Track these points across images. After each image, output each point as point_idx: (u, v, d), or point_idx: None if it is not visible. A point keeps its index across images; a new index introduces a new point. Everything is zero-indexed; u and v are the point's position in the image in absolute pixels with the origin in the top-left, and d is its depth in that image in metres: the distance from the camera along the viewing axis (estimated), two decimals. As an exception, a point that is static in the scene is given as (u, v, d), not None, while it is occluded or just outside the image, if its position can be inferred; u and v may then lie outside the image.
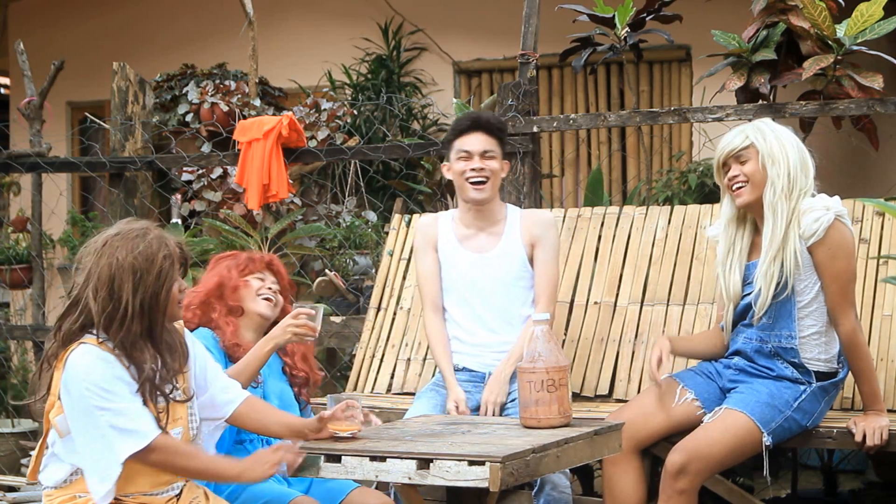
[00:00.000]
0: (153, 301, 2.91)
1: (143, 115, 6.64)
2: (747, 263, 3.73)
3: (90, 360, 2.86)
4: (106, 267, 2.89)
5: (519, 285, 4.10)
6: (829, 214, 3.56)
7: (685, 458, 3.51)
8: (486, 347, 4.09)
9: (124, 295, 2.88)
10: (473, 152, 4.04)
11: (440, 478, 2.76)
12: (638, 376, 4.39)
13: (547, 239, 4.11)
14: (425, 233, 4.20)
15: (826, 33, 4.64)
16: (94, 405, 2.83)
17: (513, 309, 4.08)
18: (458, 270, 4.12)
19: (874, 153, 5.12)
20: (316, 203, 6.93)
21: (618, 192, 7.74)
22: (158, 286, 2.92)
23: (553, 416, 3.05)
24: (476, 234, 4.14)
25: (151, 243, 2.93)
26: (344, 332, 5.50)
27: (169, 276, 2.94)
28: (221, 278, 3.66)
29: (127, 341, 2.89)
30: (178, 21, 8.93)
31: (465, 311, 4.12)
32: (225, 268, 3.70)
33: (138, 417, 2.86)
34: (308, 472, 2.96)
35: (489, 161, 4.05)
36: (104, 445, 2.83)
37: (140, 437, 2.84)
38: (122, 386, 2.86)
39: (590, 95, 8.07)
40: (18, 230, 7.73)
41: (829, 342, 3.66)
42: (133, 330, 2.89)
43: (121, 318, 2.88)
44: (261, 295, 3.68)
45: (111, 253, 2.90)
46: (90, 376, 2.84)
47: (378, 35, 8.31)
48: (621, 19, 5.13)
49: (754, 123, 3.73)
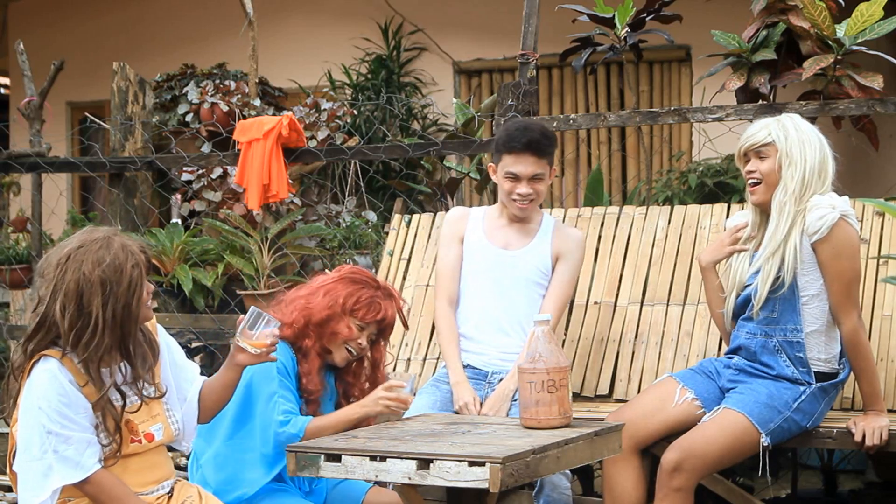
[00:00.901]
0: (125, 312, 2.87)
1: (143, 115, 6.64)
2: (754, 253, 3.73)
3: (48, 378, 2.84)
4: (73, 282, 2.83)
5: (538, 290, 4.06)
6: (835, 213, 3.56)
7: (680, 456, 3.52)
8: (495, 347, 4.05)
9: (94, 309, 2.83)
10: (523, 176, 3.96)
11: (440, 478, 2.76)
12: (638, 376, 4.39)
13: (572, 256, 4.08)
14: (453, 225, 4.15)
15: (826, 33, 4.64)
16: (45, 427, 2.82)
17: (527, 312, 4.00)
18: (481, 263, 4.06)
19: (874, 153, 5.12)
20: (316, 203, 6.93)
21: (618, 192, 7.74)
22: (129, 297, 2.87)
23: (553, 417, 3.05)
24: (506, 232, 4.09)
25: (118, 255, 2.88)
26: (344, 332, 5.49)
27: (139, 285, 2.90)
28: (329, 315, 3.48)
29: (96, 354, 2.85)
30: (178, 21, 8.94)
31: (479, 307, 4.06)
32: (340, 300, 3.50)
33: (84, 449, 2.85)
34: (308, 471, 2.96)
35: (538, 184, 3.99)
36: (41, 469, 2.83)
37: (79, 469, 2.84)
38: (75, 411, 2.85)
39: (590, 95, 8.07)
40: (18, 230, 7.72)
41: (830, 342, 3.66)
42: (105, 343, 2.85)
43: (91, 332, 2.83)
44: (347, 346, 3.53)
45: (76, 267, 2.84)
46: (47, 396, 2.83)
47: (378, 35, 8.32)
48: (621, 19, 5.13)
49: (781, 119, 3.73)
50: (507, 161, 3.96)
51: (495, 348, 4.04)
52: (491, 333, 4.05)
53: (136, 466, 2.97)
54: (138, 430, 2.97)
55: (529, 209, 4.03)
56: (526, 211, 4.02)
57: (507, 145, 3.96)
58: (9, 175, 7.84)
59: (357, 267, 3.68)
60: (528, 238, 4.08)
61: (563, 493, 3.72)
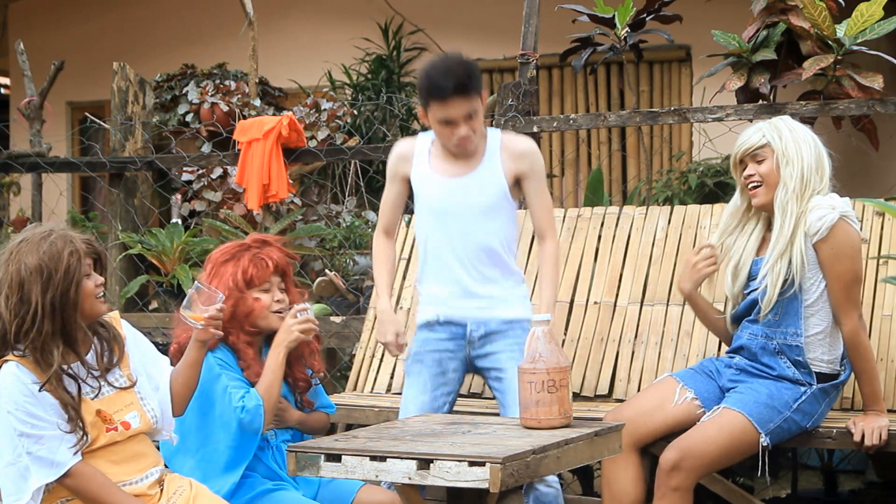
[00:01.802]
0: (63, 299, 2.92)
1: (143, 115, 6.64)
2: (755, 259, 3.73)
3: (12, 380, 2.88)
4: (15, 273, 2.91)
5: (498, 218, 3.79)
6: (835, 213, 3.56)
7: (679, 456, 3.52)
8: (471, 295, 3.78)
9: (34, 297, 2.89)
10: (458, 119, 3.70)
11: (440, 478, 2.76)
12: (638, 376, 4.39)
13: (534, 170, 3.83)
14: (395, 163, 3.92)
15: (826, 33, 4.64)
16: (15, 430, 2.86)
17: (492, 245, 3.77)
18: (428, 198, 3.83)
19: (874, 153, 5.12)
20: (316, 203, 6.93)
21: (618, 192, 7.74)
22: (67, 283, 2.92)
23: (553, 417, 3.05)
24: (451, 160, 3.82)
25: (55, 242, 2.95)
26: (344, 332, 5.50)
27: (77, 271, 2.95)
28: (234, 302, 3.51)
29: (38, 342, 2.90)
30: (178, 21, 8.94)
31: (437, 252, 3.81)
32: (232, 281, 3.53)
33: (57, 446, 2.89)
34: (308, 471, 2.96)
35: (474, 122, 3.72)
36: (18, 471, 2.87)
37: (55, 466, 2.88)
38: (43, 409, 2.88)
39: (590, 95, 8.07)
40: (18, 230, 7.72)
41: (834, 343, 3.66)
42: (44, 330, 2.90)
43: (31, 319, 2.89)
44: (273, 310, 3.58)
45: (18, 259, 2.92)
46: (13, 397, 2.87)
47: (378, 35, 8.32)
48: (621, 19, 5.13)
49: (773, 121, 3.73)
50: (437, 108, 3.71)
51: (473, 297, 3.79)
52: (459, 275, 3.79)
53: (117, 457, 3.00)
54: (113, 418, 3.00)
55: (472, 145, 3.77)
56: (468, 149, 3.77)
57: (434, 93, 3.71)
58: (9, 175, 7.85)
59: (220, 247, 3.69)
60: (477, 161, 3.81)
61: (550, 487, 3.68)
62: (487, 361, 3.82)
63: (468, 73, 3.70)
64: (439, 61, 3.76)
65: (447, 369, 3.83)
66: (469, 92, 3.68)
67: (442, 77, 3.68)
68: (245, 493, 3.47)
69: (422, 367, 3.84)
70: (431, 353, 3.83)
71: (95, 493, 2.93)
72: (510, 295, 3.82)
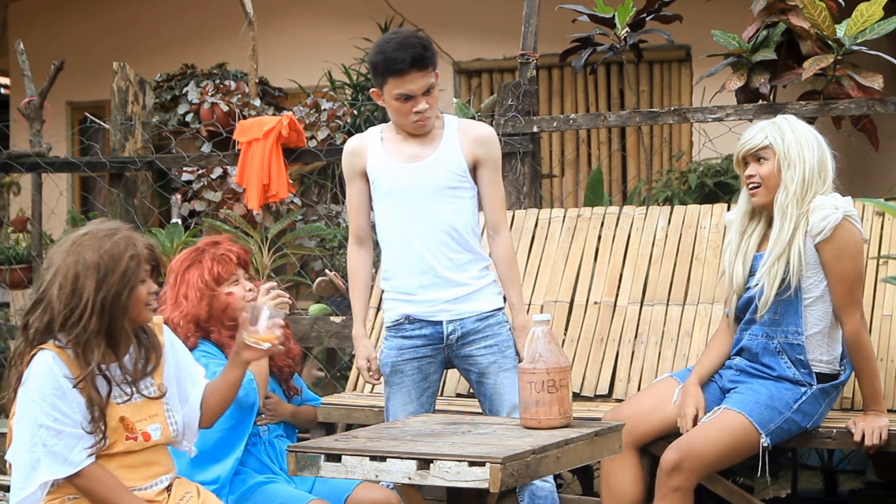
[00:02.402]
0: (115, 300, 2.92)
1: (143, 115, 6.64)
2: (755, 254, 3.73)
3: (45, 371, 2.88)
4: (72, 265, 2.91)
5: (461, 199, 3.70)
6: (838, 214, 3.56)
7: (679, 456, 3.52)
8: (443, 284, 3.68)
9: (86, 292, 2.89)
10: (416, 93, 3.62)
11: (440, 478, 2.76)
12: (638, 376, 4.39)
13: (491, 158, 3.75)
14: (350, 161, 3.81)
15: (826, 33, 4.64)
16: (37, 420, 2.86)
17: (456, 226, 3.68)
18: (392, 184, 3.71)
19: (874, 153, 5.12)
20: (316, 203, 6.93)
21: (618, 192, 7.74)
22: (122, 286, 2.92)
23: (553, 417, 3.05)
24: (409, 145, 3.73)
25: (118, 243, 2.94)
26: (344, 332, 5.50)
27: (134, 276, 2.94)
28: (209, 302, 3.61)
29: (81, 338, 2.89)
30: (178, 21, 8.94)
31: (402, 240, 3.71)
32: (201, 283, 3.62)
33: (74, 444, 2.88)
34: (308, 471, 2.96)
35: (431, 97, 3.66)
36: (30, 461, 2.87)
37: (67, 464, 2.87)
38: (69, 405, 2.88)
39: (590, 95, 8.07)
40: (18, 230, 7.73)
41: (832, 343, 3.66)
42: (90, 327, 2.89)
43: (80, 313, 2.89)
44: (247, 299, 3.63)
45: (78, 251, 2.92)
46: (42, 388, 2.87)
47: (378, 35, 8.29)
48: (621, 19, 5.13)
49: (777, 122, 3.72)
50: (394, 84, 3.63)
51: (439, 287, 3.69)
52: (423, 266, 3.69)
53: (131, 462, 2.99)
54: (135, 428, 2.99)
55: (430, 122, 3.71)
56: (427, 125, 3.70)
57: (391, 68, 3.60)
58: (9, 175, 7.85)
59: (177, 257, 3.74)
60: (435, 143, 3.73)
61: (546, 481, 3.68)
62: (467, 363, 3.75)
63: (423, 45, 3.64)
64: (392, 36, 3.70)
65: (428, 373, 3.77)
66: (426, 65, 3.62)
67: (398, 50, 3.61)
68: (238, 487, 3.49)
69: (402, 378, 3.75)
70: (411, 363, 3.74)
71: (104, 496, 2.92)
72: (481, 283, 3.74)
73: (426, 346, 3.73)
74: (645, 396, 3.84)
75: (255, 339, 3.10)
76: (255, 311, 3.12)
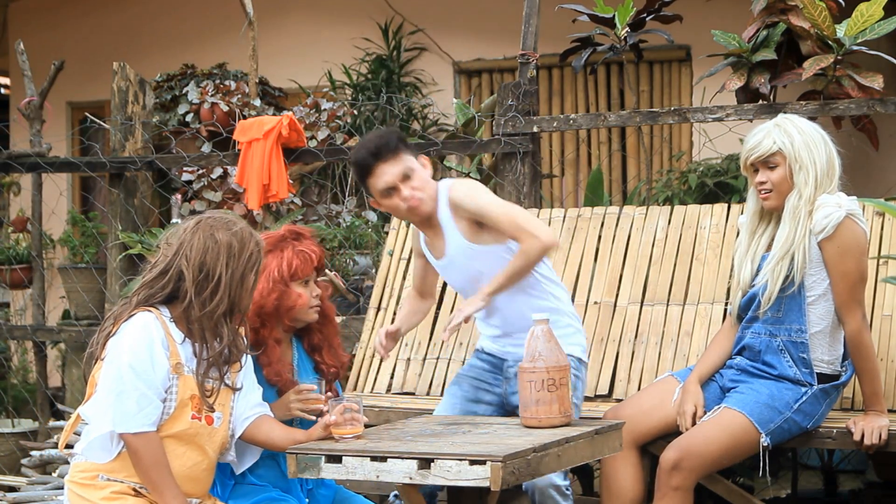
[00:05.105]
0: (241, 281, 3.05)
1: (143, 115, 6.64)
2: (764, 254, 3.72)
3: (142, 329, 2.97)
4: (201, 240, 3.03)
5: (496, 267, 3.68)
6: (841, 212, 3.55)
7: (679, 455, 3.52)
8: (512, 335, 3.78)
9: (218, 268, 3.01)
10: (394, 183, 3.66)
11: (441, 477, 2.76)
12: (638, 376, 4.40)
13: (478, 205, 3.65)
14: (412, 237, 4.03)
15: (826, 33, 4.65)
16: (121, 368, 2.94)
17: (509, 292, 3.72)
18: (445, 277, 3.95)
19: (874, 153, 5.12)
20: (316, 203, 6.93)
21: (618, 192, 7.74)
22: (249, 267, 3.06)
23: (554, 416, 3.06)
24: (430, 241, 3.83)
25: (244, 230, 3.10)
26: (344, 332, 5.48)
27: (258, 261, 3.10)
28: (278, 296, 3.40)
29: (213, 314, 3.01)
30: (178, 21, 8.93)
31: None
32: (277, 273, 3.41)
33: (145, 405, 2.95)
34: (308, 472, 2.97)
35: (412, 181, 3.66)
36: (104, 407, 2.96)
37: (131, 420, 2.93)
38: (154, 367, 2.96)
39: (590, 95, 8.07)
40: (18, 230, 7.72)
41: (834, 343, 3.66)
42: (222, 305, 3.01)
43: (211, 291, 3.01)
44: (311, 305, 3.47)
45: (207, 230, 3.05)
46: (135, 347, 2.96)
47: (378, 35, 8.31)
48: (621, 19, 5.13)
49: (781, 124, 3.69)
50: (372, 184, 3.70)
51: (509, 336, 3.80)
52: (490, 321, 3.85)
53: (179, 451, 3.03)
54: (203, 408, 3.05)
55: (421, 204, 3.69)
56: (420, 207, 3.69)
57: (361, 172, 3.71)
58: (9, 175, 7.85)
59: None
60: (441, 240, 3.77)
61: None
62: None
63: (381, 137, 3.70)
64: (356, 145, 3.84)
65: (481, 399, 3.84)
66: (387, 154, 3.65)
67: (358, 152, 3.72)
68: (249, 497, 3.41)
69: (457, 389, 3.87)
70: (470, 379, 3.88)
71: (149, 465, 2.96)
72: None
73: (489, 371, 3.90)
74: (645, 396, 3.84)
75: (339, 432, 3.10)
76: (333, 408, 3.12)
